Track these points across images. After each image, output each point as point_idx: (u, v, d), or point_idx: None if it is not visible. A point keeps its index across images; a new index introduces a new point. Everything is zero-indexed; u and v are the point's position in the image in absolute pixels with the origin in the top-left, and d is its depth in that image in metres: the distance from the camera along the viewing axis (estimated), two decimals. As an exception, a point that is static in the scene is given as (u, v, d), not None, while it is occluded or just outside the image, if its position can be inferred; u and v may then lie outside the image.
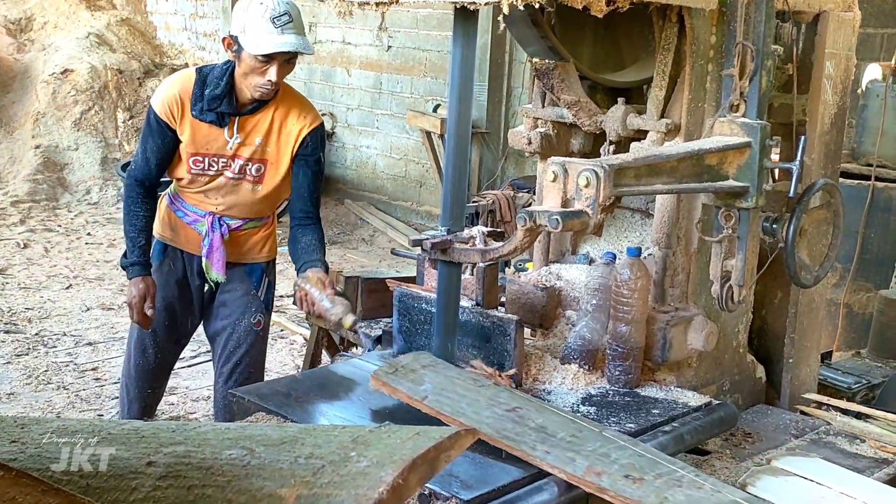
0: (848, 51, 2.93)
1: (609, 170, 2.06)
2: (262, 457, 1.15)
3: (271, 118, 3.03)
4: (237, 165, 3.06)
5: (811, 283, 2.80)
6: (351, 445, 1.14)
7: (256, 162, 3.06)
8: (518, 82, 8.00)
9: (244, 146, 3.04)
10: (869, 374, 3.64)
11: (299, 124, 3.04)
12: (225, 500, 1.08)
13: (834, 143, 2.96)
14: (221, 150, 3.04)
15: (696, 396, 2.54)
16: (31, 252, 6.96)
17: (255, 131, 3.03)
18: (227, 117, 3.00)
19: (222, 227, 3.14)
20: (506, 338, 2.50)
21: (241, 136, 3.02)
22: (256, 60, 2.86)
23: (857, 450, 2.61)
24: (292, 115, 3.04)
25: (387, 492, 1.02)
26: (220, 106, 2.98)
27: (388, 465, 1.06)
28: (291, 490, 1.06)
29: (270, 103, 3.03)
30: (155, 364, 3.29)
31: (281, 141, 3.05)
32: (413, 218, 8.84)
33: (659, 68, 2.58)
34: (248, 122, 3.03)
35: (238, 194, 3.12)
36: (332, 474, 1.08)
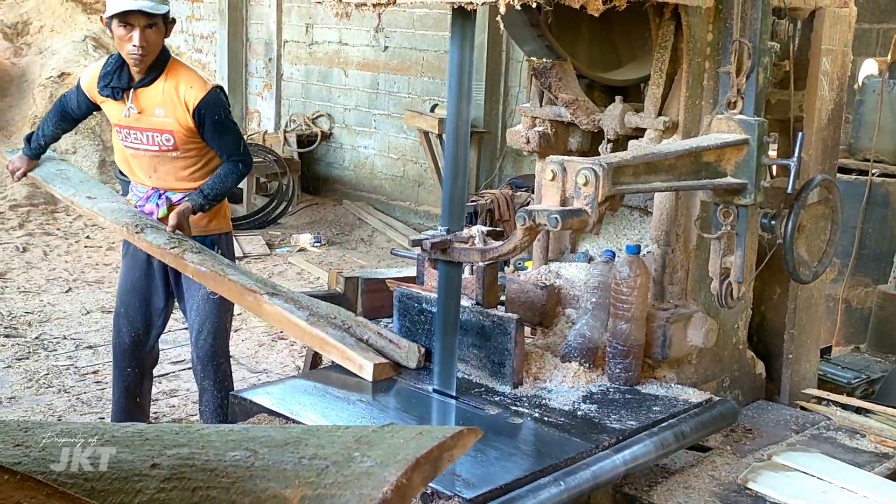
0: (844, 46, 2.94)
1: (608, 168, 2.07)
2: (266, 458, 1.15)
3: (163, 89, 3.35)
4: (146, 137, 3.40)
5: (810, 279, 2.80)
6: (354, 445, 1.15)
7: (165, 132, 3.38)
8: (515, 81, 8.00)
9: (146, 116, 3.37)
10: (868, 369, 3.65)
11: (187, 97, 3.33)
12: (229, 502, 1.08)
13: (831, 138, 2.97)
14: (124, 121, 3.41)
15: (696, 393, 2.55)
16: (30, 256, 6.95)
17: (152, 103, 3.36)
18: (120, 92, 3.37)
19: (160, 199, 3.46)
20: (506, 336, 2.51)
21: (135, 106, 3.35)
22: (118, 27, 3.22)
23: (858, 444, 2.62)
24: (180, 89, 3.34)
25: (391, 491, 1.02)
26: (111, 81, 3.36)
27: (392, 464, 1.06)
28: (295, 491, 1.07)
29: (161, 76, 3.35)
30: (130, 343, 3.63)
31: (176, 112, 3.35)
32: (412, 218, 8.84)
33: (656, 66, 2.58)
34: (144, 94, 3.36)
35: (164, 166, 3.46)
36: (335, 475, 1.09)
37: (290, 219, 8.72)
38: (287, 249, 7.74)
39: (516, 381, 2.51)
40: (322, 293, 3.60)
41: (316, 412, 2.33)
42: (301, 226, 8.57)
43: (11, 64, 10.37)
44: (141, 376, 3.72)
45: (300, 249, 7.78)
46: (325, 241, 8.00)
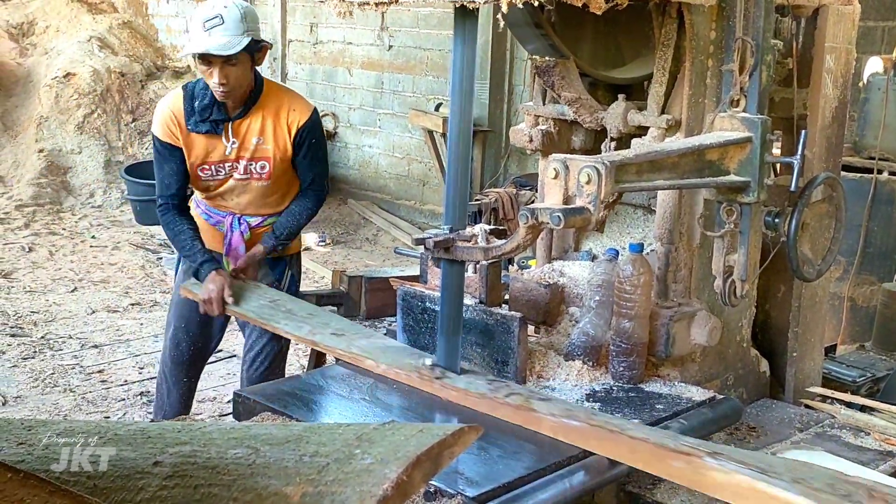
0: (848, 44, 2.93)
1: (610, 166, 2.07)
2: (267, 455, 1.16)
3: (262, 118, 3.17)
4: (242, 167, 3.21)
5: (814, 277, 2.80)
6: (355, 443, 1.15)
7: (259, 160, 3.20)
8: (519, 80, 8.00)
9: (243, 148, 3.18)
10: (873, 368, 3.64)
11: (290, 120, 3.18)
12: (231, 499, 1.09)
13: (835, 136, 2.96)
14: (223, 156, 3.19)
15: (700, 391, 2.55)
16: (35, 256, 6.98)
17: (249, 132, 3.17)
18: (220, 124, 3.14)
19: (242, 225, 3.30)
20: (509, 335, 2.51)
21: (236, 139, 3.16)
22: (200, 64, 3.04)
23: (862, 443, 2.61)
24: (283, 113, 3.18)
25: (391, 489, 1.03)
26: (211, 114, 3.12)
27: (393, 462, 1.07)
28: (297, 488, 1.07)
29: (258, 105, 3.17)
30: (188, 357, 3.46)
31: (277, 137, 3.18)
32: (416, 217, 8.84)
33: (659, 64, 2.58)
34: (241, 125, 3.16)
35: (251, 192, 3.27)
36: (336, 472, 1.09)
37: (295, 218, 8.72)
38: (292, 249, 7.75)
39: (520, 380, 2.51)
40: (326, 292, 3.61)
41: (319, 411, 2.33)
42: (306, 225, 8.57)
43: (17, 64, 10.40)
44: (195, 386, 3.62)
45: (305, 248, 7.79)
46: (330, 241, 8.01)
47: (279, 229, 3.26)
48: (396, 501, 1.03)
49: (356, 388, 2.50)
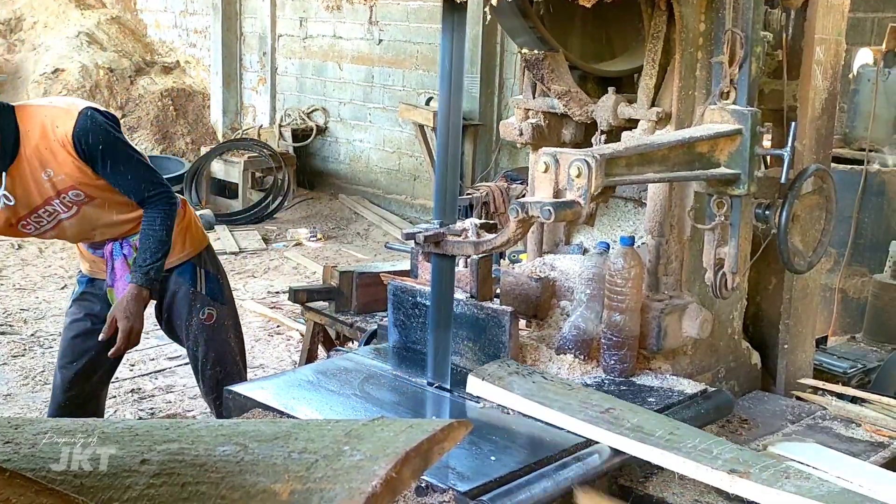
0: (838, 35, 2.93)
1: (600, 159, 2.06)
2: (256, 452, 1.15)
3: (34, 150, 2.70)
4: (58, 205, 2.81)
5: (805, 269, 2.80)
6: (344, 439, 1.14)
7: (68, 190, 2.78)
8: (511, 73, 7.99)
9: (41, 190, 2.75)
10: (864, 359, 3.64)
11: (59, 136, 2.69)
12: (219, 497, 1.08)
13: (825, 128, 2.96)
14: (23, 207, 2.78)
15: (691, 384, 2.55)
16: (25, 253, 6.95)
17: (33, 172, 2.73)
18: None
19: (124, 248, 2.97)
20: (500, 329, 2.50)
21: (10, 192, 2.72)
22: None
23: (853, 434, 2.62)
24: (49, 135, 2.70)
25: (380, 485, 1.02)
26: None
27: (382, 458, 1.06)
28: (285, 485, 1.07)
29: (20, 140, 2.69)
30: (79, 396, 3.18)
31: (61, 163, 2.72)
32: (408, 211, 8.83)
33: (649, 57, 2.57)
34: (17, 170, 2.72)
35: (99, 218, 2.90)
36: (325, 469, 1.08)
37: (286, 213, 8.72)
38: (283, 244, 7.74)
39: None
40: (318, 287, 3.60)
41: (310, 406, 2.32)
42: (297, 220, 8.57)
43: (5, 60, 10.35)
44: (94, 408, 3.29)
45: (297, 244, 7.78)
46: (321, 236, 8.00)
47: (141, 260, 2.83)
48: (386, 498, 1.03)
49: (346, 384, 2.49)
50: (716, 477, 1.96)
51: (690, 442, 2.08)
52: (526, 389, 2.31)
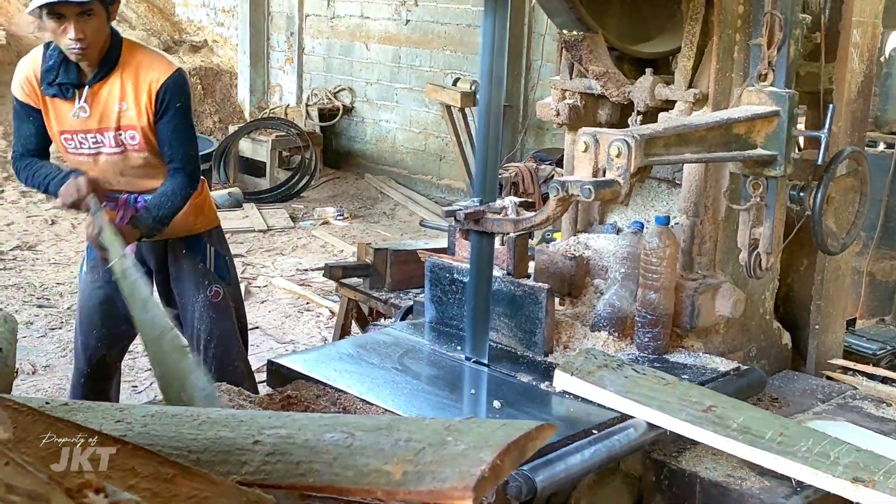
0: (875, 18, 2.94)
1: (640, 139, 2.10)
2: (363, 440, 1.22)
3: (121, 81, 2.88)
4: (110, 138, 2.93)
5: (838, 251, 2.83)
6: (445, 432, 1.21)
7: (127, 129, 2.92)
8: (538, 55, 8.00)
9: (106, 118, 2.91)
10: (893, 341, 3.66)
11: (150, 79, 2.88)
12: (332, 474, 1.15)
13: (860, 111, 2.98)
14: (83, 126, 2.92)
15: (724, 362, 2.59)
16: (59, 228, 7.05)
17: (110, 98, 2.89)
18: (70, 89, 2.88)
19: (139, 202, 3.01)
20: (537, 306, 2.55)
21: (90, 105, 2.88)
22: (50, 20, 2.74)
23: (884, 413, 2.65)
24: (142, 73, 2.89)
25: (489, 470, 1.09)
26: (56, 77, 2.86)
27: (486, 448, 1.13)
28: (397, 467, 1.13)
29: (117, 66, 2.87)
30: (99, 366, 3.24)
31: (139, 101, 2.90)
32: (433, 192, 8.88)
33: (687, 38, 2.60)
34: (100, 90, 2.88)
35: (134, 167, 3.00)
36: (433, 455, 1.15)
37: (313, 192, 8.79)
38: (311, 223, 7.81)
39: (547, 350, 2.56)
40: (352, 264, 3.66)
41: (352, 379, 2.38)
42: (323, 199, 8.63)
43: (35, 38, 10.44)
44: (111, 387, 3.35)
45: (324, 222, 7.85)
46: (348, 215, 8.06)
47: (154, 208, 2.92)
48: (491, 483, 1.10)
49: (386, 357, 2.55)
50: (838, 485, 1.89)
51: (804, 444, 2.01)
52: (619, 385, 2.22)
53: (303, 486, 1.19)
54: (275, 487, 1.20)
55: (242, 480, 1.22)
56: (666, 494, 2.30)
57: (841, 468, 1.93)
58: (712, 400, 2.18)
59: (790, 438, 2.04)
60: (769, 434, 2.05)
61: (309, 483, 1.19)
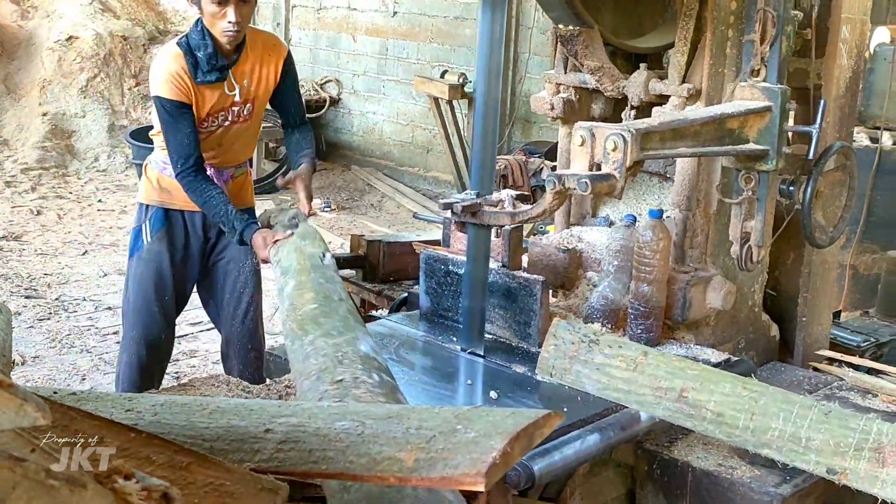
0: (863, 15, 2.98)
1: (636, 134, 2.13)
2: (374, 428, 1.24)
3: (250, 59, 3.15)
4: (232, 113, 3.18)
5: (826, 244, 2.88)
6: (455, 420, 1.23)
7: (247, 103, 3.19)
8: (525, 48, 8.01)
9: (239, 91, 3.16)
10: (877, 333, 3.72)
11: (274, 58, 3.18)
12: (346, 462, 1.17)
13: (848, 106, 3.03)
14: (224, 104, 3.13)
15: (715, 353, 2.63)
16: (44, 219, 7.02)
17: (241, 76, 3.15)
18: (225, 70, 3.09)
19: (224, 175, 3.25)
20: (532, 298, 2.58)
21: (238, 84, 3.13)
22: (213, 5, 2.95)
23: (870, 404, 2.70)
24: (266, 53, 3.18)
25: (499, 457, 1.12)
26: (217, 62, 3.05)
27: (496, 435, 1.15)
28: (409, 454, 1.15)
29: (246, 47, 3.13)
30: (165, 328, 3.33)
31: (264, 76, 3.17)
32: (420, 184, 8.89)
33: (680, 34, 2.63)
34: (238, 69, 3.14)
35: (231, 138, 3.21)
36: (444, 442, 1.17)
37: (300, 184, 8.77)
38: (298, 214, 7.80)
39: (541, 341, 2.58)
40: (346, 256, 3.68)
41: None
42: (314, 151, 8.61)
43: (18, 27, 10.35)
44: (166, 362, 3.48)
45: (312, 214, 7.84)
46: (335, 206, 8.06)
47: (307, 149, 3.24)
48: (501, 469, 1.13)
49: (383, 348, 2.56)
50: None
51: (775, 426, 2.00)
52: (597, 383, 2.21)
53: (316, 472, 1.22)
54: (289, 474, 1.23)
55: (256, 468, 1.25)
56: (658, 483, 2.35)
57: (814, 456, 1.94)
58: (682, 380, 2.12)
59: (762, 419, 2.02)
60: (742, 421, 2.03)
61: (322, 470, 1.21)
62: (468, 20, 8.31)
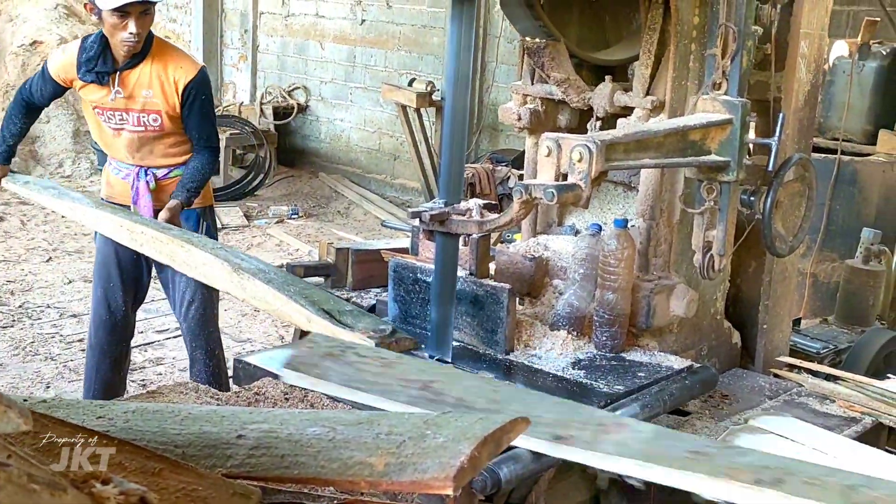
0: (821, 30, 3.06)
1: (601, 145, 2.18)
2: (345, 433, 1.26)
3: (150, 71, 3.38)
4: (133, 118, 3.43)
5: (786, 253, 2.94)
6: (424, 426, 1.26)
7: (150, 113, 3.42)
8: (492, 56, 8.08)
9: (132, 100, 3.41)
10: (836, 340, 3.82)
11: (177, 76, 3.39)
12: (318, 467, 1.19)
13: (807, 119, 3.10)
14: (108, 104, 3.41)
15: (678, 360, 2.68)
16: (7, 225, 6.95)
17: (138, 84, 3.38)
18: (105, 76, 3.36)
19: (147, 176, 3.53)
20: (499, 305, 2.62)
21: (122, 89, 3.37)
22: (114, 16, 3.21)
23: (828, 409, 2.77)
24: (170, 68, 3.39)
25: (467, 461, 1.14)
26: (95, 66, 3.35)
27: (464, 440, 1.18)
28: (379, 459, 1.18)
29: (147, 57, 3.38)
30: (120, 318, 3.66)
31: (165, 91, 3.39)
32: (387, 191, 8.91)
33: (645, 47, 2.69)
34: (129, 76, 3.38)
35: (150, 144, 3.50)
36: (414, 447, 1.20)
37: (267, 191, 8.77)
38: (265, 221, 7.79)
39: (508, 348, 2.62)
40: (314, 263, 3.69)
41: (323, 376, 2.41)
42: (277, 198, 8.62)
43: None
44: (126, 351, 3.79)
45: (279, 221, 7.84)
46: (302, 213, 8.06)
47: (188, 182, 3.44)
48: (469, 474, 1.16)
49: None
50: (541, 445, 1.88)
51: (514, 406, 2.04)
52: (343, 376, 2.12)
53: (288, 478, 1.24)
54: (261, 480, 1.25)
55: (228, 473, 1.27)
56: (622, 488, 2.39)
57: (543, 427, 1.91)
58: (431, 375, 2.14)
59: (500, 403, 2.06)
60: (481, 402, 2.04)
61: (294, 475, 1.23)
62: (436, 28, 8.36)
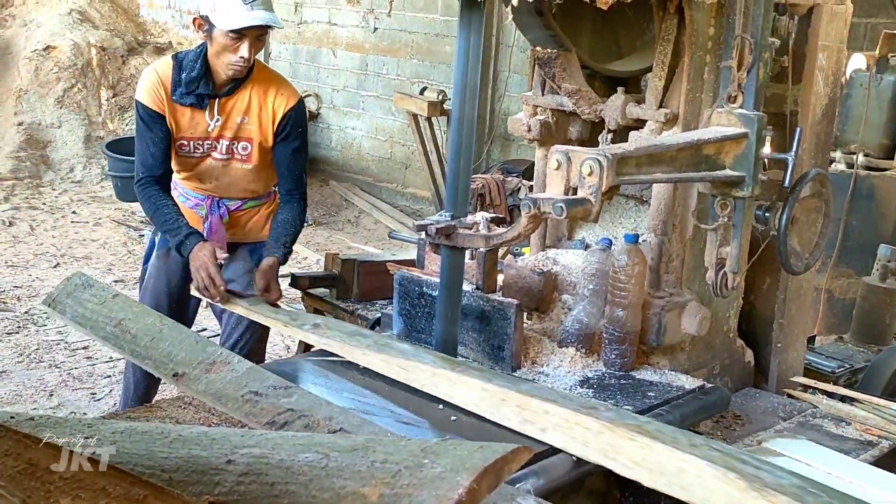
0: (840, 43, 2.99)
1: (612, 159, 2.11)
2: (339, 460, 1.20)
3: (249, 97, 3.11)
4: (223, 146, 3.15)
5: (802, 270, 2.87)
6: (422, 454, 1.20)
7: (242, 140, 3.14)
8: (505, 66, 8.03)
9: (226, 127, 3.12)
10: (851, 359, 3.73)
11: (277, 103, 3.12)
12: (309, 496, 1.13)
13: (824, 133, 3.03)
14: (205, 133, 3.12)
15: (689, 380, 2.61)
16: (16, 230, 6.93)
17: (234, 111, 3.11)
18: (205, 99, 3.07)
19: (221, 208, 3.24)
20: (506, 321, 2.55)
21: (221, 116, 3.09)
22: (228, 38, 2.94)
23: (843, 432, 2.69)
24: (270, 94, 3.12)
25: (465, 494, 1.08)
26: (197, 88, 3.05)
27: (462, 471, 1.12)
28: (373, 489, 1.12)
29: (247, 82, 3.10)
30: None
31: (262, 119, 3.12)
32: (398, 200, 8.87)
33: (658, 59, 2.63)
34: (228, 102, 3.10)
35: (231, 174, 3.20)
36: (410, 477, 1.14)
37: (277, 198, 8.72)
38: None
39: (515, 365, 2.56)
40: (320, 274, 3.64)
41: (318, 390, 2.36)
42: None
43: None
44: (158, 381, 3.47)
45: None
46: (312, 222, 8.02)
47: (281, 236, 3.13)
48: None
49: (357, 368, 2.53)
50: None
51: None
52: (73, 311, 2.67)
53: (277, 507, 1.18)
54: (250, 509, 1.19)
55: (216, 501, 1.21)
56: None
57: None
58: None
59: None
60: None
61: (283, 505, 1.17)
62: (448, 37, 8.32)
